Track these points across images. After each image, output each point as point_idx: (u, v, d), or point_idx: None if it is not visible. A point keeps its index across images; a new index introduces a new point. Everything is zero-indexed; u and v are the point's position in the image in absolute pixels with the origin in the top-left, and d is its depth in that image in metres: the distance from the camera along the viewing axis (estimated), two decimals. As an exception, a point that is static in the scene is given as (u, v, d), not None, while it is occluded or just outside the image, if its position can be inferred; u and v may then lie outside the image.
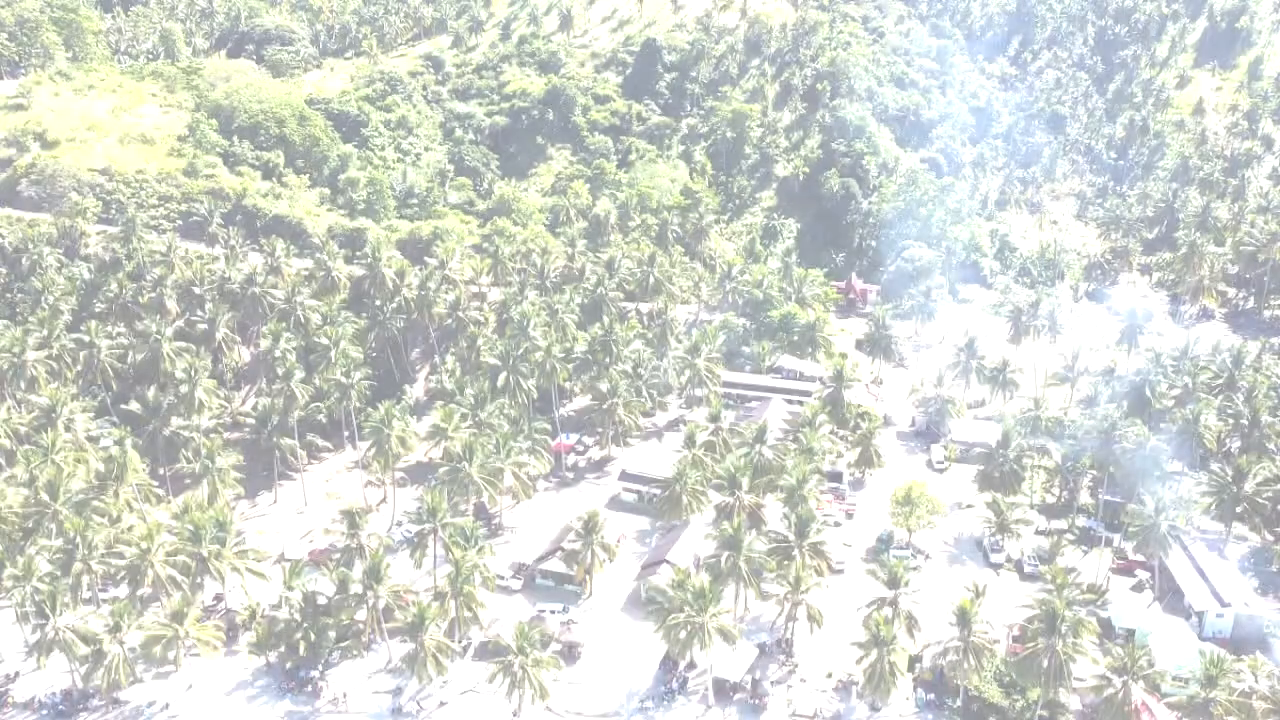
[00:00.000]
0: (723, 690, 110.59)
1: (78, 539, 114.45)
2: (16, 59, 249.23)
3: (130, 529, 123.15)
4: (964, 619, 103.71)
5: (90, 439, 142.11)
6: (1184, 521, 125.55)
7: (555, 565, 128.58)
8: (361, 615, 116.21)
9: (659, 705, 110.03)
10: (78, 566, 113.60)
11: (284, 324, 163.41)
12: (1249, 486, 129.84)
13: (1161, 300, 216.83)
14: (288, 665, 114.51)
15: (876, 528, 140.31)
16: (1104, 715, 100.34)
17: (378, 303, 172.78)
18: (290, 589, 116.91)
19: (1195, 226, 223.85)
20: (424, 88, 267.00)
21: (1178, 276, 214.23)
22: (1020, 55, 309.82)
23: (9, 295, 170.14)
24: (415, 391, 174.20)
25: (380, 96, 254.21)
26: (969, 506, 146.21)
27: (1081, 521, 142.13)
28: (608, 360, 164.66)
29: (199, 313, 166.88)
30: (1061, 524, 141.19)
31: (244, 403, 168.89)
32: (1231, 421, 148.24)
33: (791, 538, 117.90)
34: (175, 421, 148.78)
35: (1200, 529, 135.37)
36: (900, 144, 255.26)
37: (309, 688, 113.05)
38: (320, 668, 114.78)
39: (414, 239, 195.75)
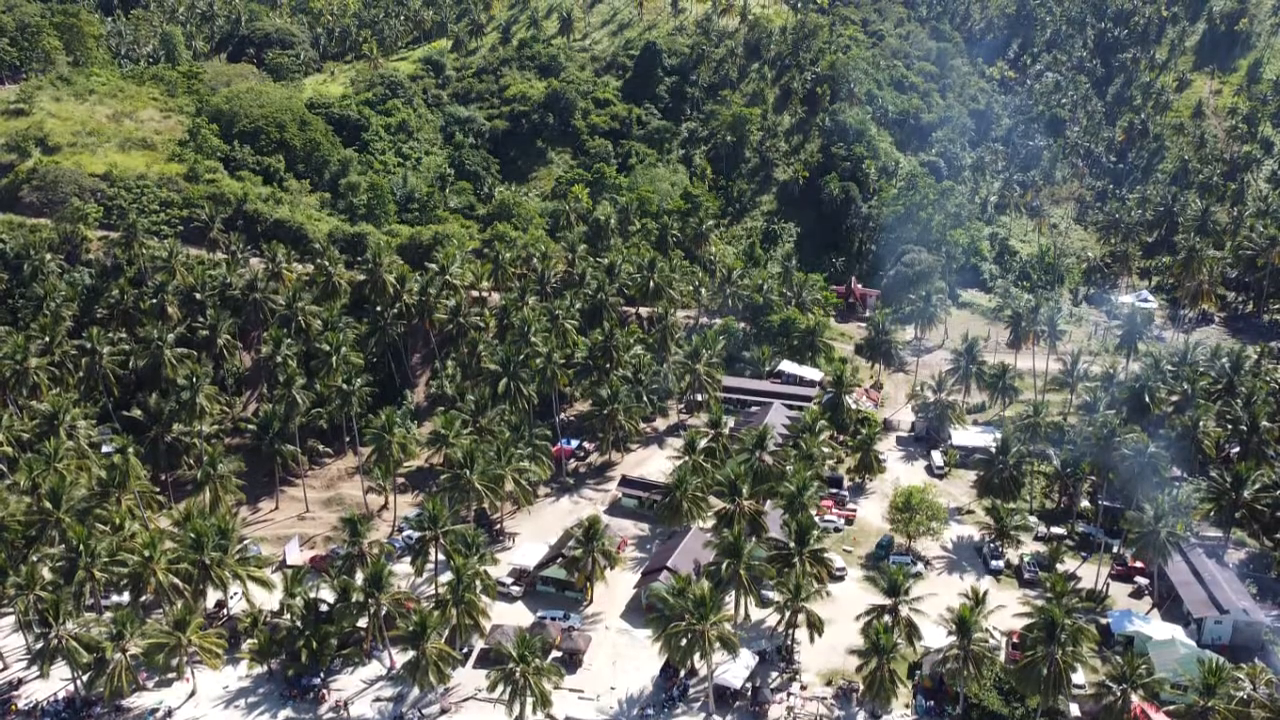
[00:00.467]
0: (723, 698, 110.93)
1: (80, 547, 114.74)
2: (18, 63, 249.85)
3: (133, 536, 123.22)
4: (963, 627, 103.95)
5: (92, 445, 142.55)
6: (1183, 528, 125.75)
7: (556, 572, 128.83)
8: (363, 623, 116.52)
9: (660, 713, 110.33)
10: (80, 574, 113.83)
11: (285, 330, 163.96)
12: (1248, 493, 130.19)
13: (1160, 304, 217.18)
14: (289, 673, 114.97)
15: (877, 533, 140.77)
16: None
17: (379, 308, 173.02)
18: (292, 596, 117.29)
19: (1194, 230, 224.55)
20: (424, 91, 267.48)
21: (1177, 280, 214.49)
22: (1020, 58, 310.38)
23: (10, 301, 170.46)
24: (416, 396, 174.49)
25: (381, 100, 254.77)
26: (969, 512, 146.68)
27: (1081, 527, 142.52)
28: (608, 366, 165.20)
29: (200, 319, 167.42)
30: (1061, 530, 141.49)
31: (245, 408, 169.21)
32: (1230, 427, 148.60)
33: (792, 545, 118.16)
34: (177, 428, 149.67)
35: (1199, 535, 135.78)
36: (900, 148, 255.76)
37: (310, 695, 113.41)
38: (322, 675, 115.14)
39: (415, 244, 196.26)
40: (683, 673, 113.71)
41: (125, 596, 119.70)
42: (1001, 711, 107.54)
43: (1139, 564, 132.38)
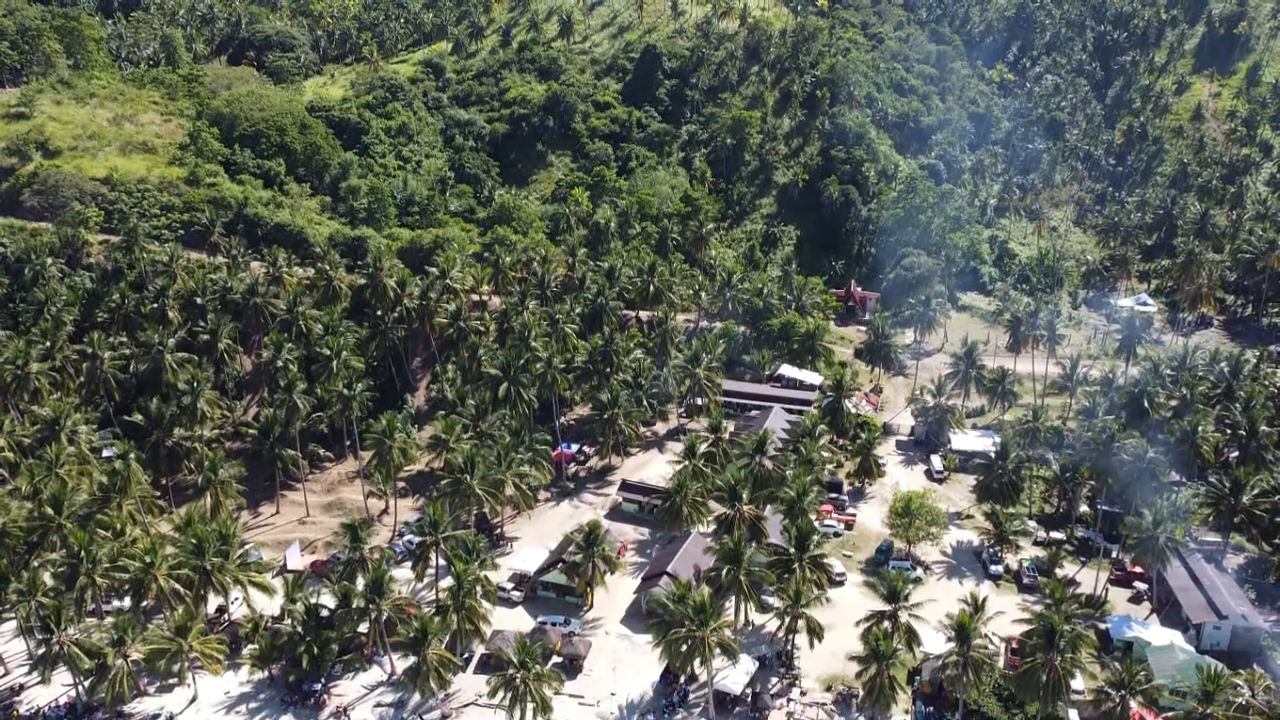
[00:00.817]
0: (723, 704, 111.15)
1: (81, 552, 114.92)
2: (19, 67, 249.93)
3: (134, 542, 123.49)
4: (963, 634, 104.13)
5: (93, 450, 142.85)
6: (1181, 533, 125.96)
7: (556, 577, 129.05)
8: (364, 628, 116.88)
9: (660, 718, 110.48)
10: (82, 580, 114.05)
11: (286, 334, 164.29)
12: (1246, 498, 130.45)
13: (1159, 307, 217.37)
14: (290, 678, 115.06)
15: (876, 538, 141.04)
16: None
17: (379, 312, 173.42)
18: (293, 602, 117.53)
19: (1194, 234, 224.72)
20: (424, 94, 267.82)
21: (1176, 284, 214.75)
22: (1019, 61, 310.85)
23: (11, 305, 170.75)
24: (416, 400, 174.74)
25: (381, 103, 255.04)
26: (968, 517, 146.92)
27: (1080, 532, 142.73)
28: (608, 370, 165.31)
29: (201, 323, 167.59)
30: (1060, 535, 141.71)
31: (246, 412, 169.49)
32: (1229, 432, 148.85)
33: (792, 551, 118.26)
34: (177, 432, 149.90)
35: (1198, 540, 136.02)
36: (899, 151, 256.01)
37: (311, 701, 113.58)
38: (322, 681, 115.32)
39: (415, 247, 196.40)
40: (683, 678, 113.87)
41: (126, 602, 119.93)
42: (1001, 718, 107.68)
43: (1138, 569, 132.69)
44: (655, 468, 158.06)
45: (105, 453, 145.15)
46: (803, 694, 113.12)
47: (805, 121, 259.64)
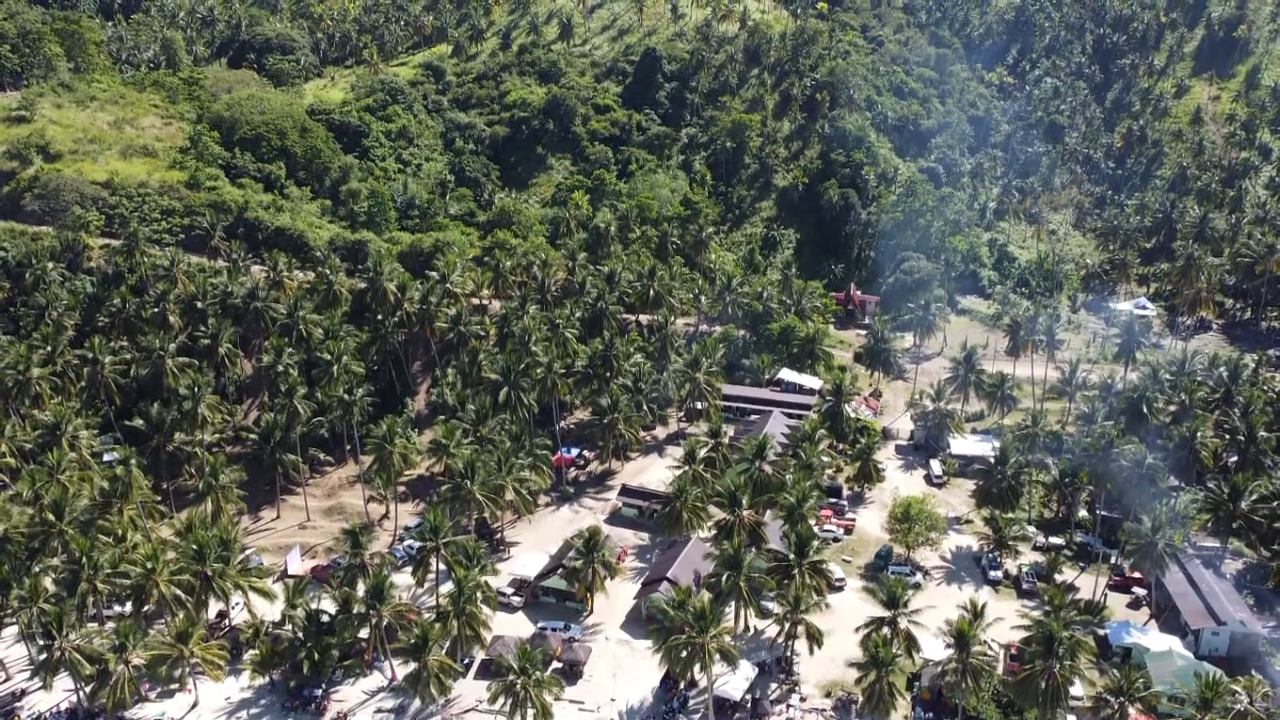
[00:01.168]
0: (723, 710, 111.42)
1: (83, 558, 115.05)
2: (19, 70, 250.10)
3: (135, 547, 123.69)
4: (962, 640, 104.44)
5: (94, 455, 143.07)
6: (1180, 538, 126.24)
7: (557, 582, 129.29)
8: (364, 634, 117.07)
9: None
10: (83, 586, 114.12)
11: (286, 338, 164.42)
12: (1245, 503, 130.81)
13: (1159, 311, 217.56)
14: (291, 684, 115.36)
15: (876, 543, 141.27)
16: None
17: (379, 316, 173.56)
18: (294, 607, 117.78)
19: (1193, 237, 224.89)
20: (424, 97, 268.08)
21: (1175, 287, 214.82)
22: (1019, 64, 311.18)
23: (12, 310, 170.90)
24: (417, 404, 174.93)
25: (381, 106, 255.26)
26: (967, 522, 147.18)
27: (1079, 538, 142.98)
28: (608, 374, 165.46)
29: (202, 327, 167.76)
30: (1059, 540, 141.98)
31: (246, 416, 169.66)
32: (1228, 437, 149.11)
33: (791, 556, 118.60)
34: (178, 437, 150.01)
35: (1196, 546, 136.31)
36: (899, 154, 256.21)
37: (312, 706, 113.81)
38: (323, 686, 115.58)
39: (415, 251, 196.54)
40: (683, 684, 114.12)
41: (128, 607, 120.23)
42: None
43: (1137, 575, 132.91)
44: (655, 472, 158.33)
45: (106, 458, 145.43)
46: (802, 700, 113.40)
47: (805, 125, 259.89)
